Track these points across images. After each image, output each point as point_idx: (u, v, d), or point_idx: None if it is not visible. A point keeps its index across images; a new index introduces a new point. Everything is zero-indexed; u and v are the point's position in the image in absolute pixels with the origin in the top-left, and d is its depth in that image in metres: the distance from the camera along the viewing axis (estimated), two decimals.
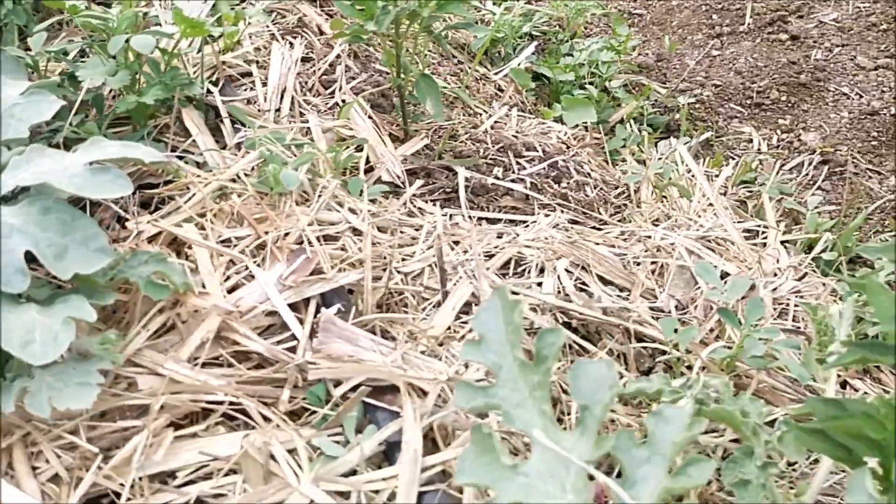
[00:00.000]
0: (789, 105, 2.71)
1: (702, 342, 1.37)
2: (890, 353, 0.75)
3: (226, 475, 1.04)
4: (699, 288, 1.56)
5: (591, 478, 0.78)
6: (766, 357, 1.22)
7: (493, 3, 2.97)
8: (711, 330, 1.43)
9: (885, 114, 2.55)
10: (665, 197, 1.95)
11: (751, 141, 2.56)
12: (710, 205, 1.87)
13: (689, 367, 1.31)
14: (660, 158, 2.23)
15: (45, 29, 1.64)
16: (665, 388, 1.01)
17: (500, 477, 0.79)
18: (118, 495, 1.01)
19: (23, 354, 0.90)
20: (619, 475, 0.80)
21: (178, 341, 1.14)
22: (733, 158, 2.46)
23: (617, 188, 2.09)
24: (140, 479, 1.02)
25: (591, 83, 2.60)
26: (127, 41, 1.47)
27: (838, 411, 0.81)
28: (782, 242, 1.88)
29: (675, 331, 1.30)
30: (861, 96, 2.68)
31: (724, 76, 2.85)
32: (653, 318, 1.43)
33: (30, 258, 1.00)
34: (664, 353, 1.35)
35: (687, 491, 0.75)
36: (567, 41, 2.86)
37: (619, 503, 0.75)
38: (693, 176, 2.04)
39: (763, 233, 1.93)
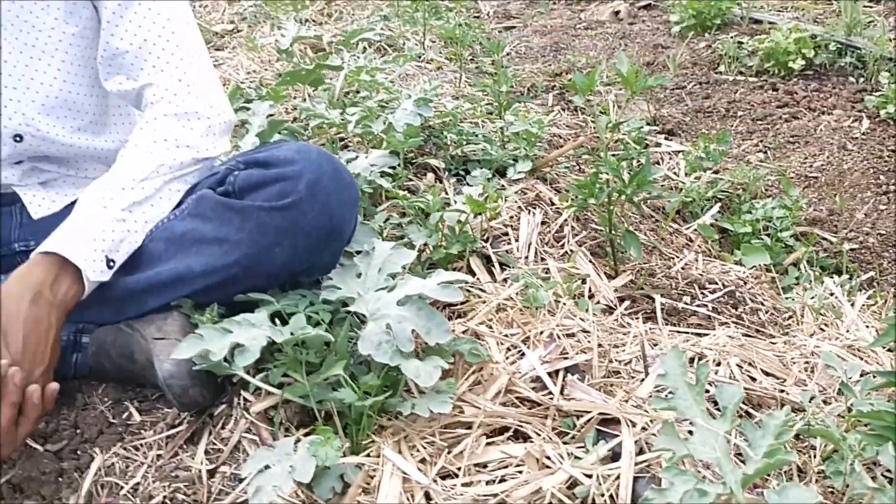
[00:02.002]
0: None
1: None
2: None
3: (516, 466, 1.76)
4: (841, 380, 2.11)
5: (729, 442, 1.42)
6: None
7: (685, 174, 3.73)
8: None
9: None
10: (820, 318, 2.51)
11: None
12: (854, 324, 2.41)
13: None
14: (823, 292, 2.79)
15: (383, 210, 2.61)
16: (790, 419, 1.62)
17: (677, 446, 1.46)
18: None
19: (417, 379, 1.71)
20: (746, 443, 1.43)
21: (484, 391, 1.91)
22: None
23: (785, 314, 2.68)
24: (467, 466, 1.77)
25: (766, 234, 3.23)
26: (440, 217, 2.37)
27: (879, 418, 1.41)
28: None
29: (811, 400, 1.88)
30: None
31: (888, 226, 3.35)
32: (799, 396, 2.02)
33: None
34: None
35: (782, 445, 1.36)
36: (747, 202, 3.51)
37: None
38: (840, 302, 2.58)
39: None
